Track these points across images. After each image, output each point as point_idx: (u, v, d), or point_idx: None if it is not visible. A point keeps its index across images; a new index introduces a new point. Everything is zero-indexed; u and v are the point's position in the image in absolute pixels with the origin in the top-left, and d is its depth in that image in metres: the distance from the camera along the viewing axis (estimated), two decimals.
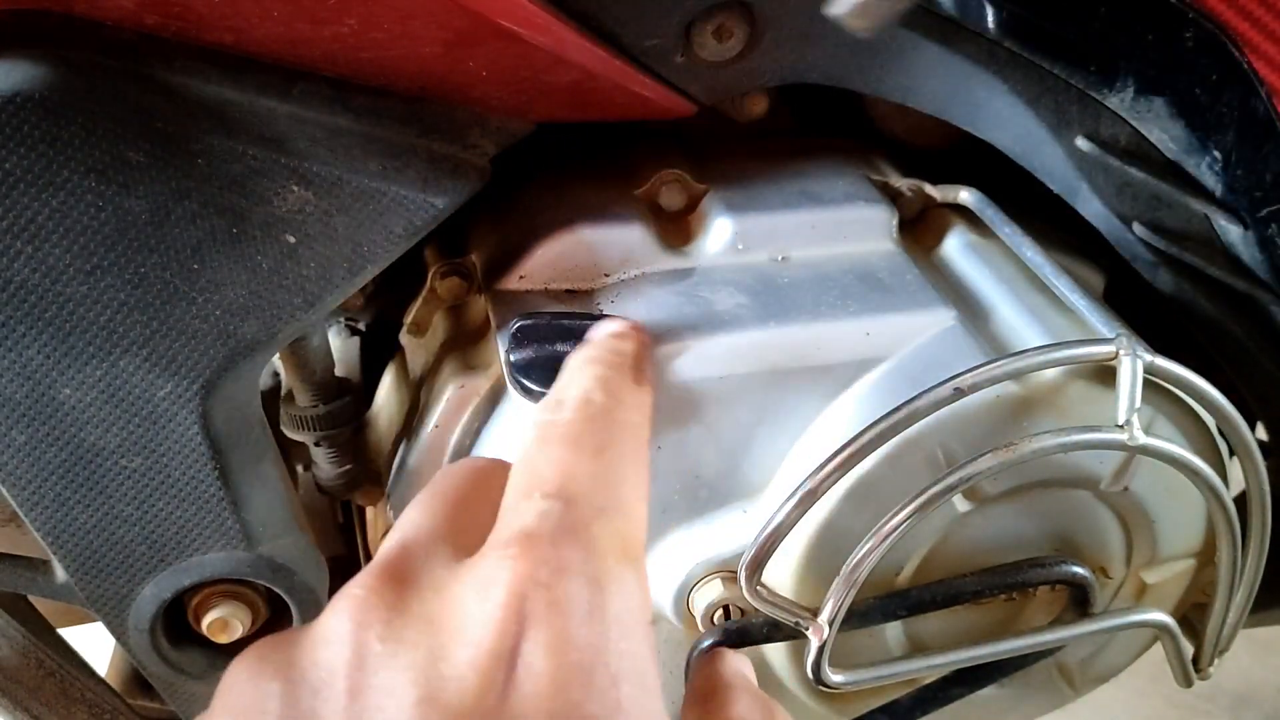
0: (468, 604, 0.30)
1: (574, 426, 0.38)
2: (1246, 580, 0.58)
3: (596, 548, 0.32)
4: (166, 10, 0.42)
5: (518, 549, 0.31)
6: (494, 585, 0.30)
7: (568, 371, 0.43)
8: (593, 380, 0.41)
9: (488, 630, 0.29)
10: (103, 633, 0.55)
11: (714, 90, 0.53)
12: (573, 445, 0.36)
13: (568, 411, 0.38)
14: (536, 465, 0.36)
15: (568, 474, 0.35)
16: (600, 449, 0.36)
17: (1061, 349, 0.49)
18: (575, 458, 0.36)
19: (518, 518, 0.33)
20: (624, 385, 0.41)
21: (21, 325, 0.44)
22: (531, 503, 0.33)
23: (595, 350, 0.44)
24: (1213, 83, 0.50)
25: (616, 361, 0.43)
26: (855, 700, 0.62)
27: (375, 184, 0.46)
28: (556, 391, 0.41)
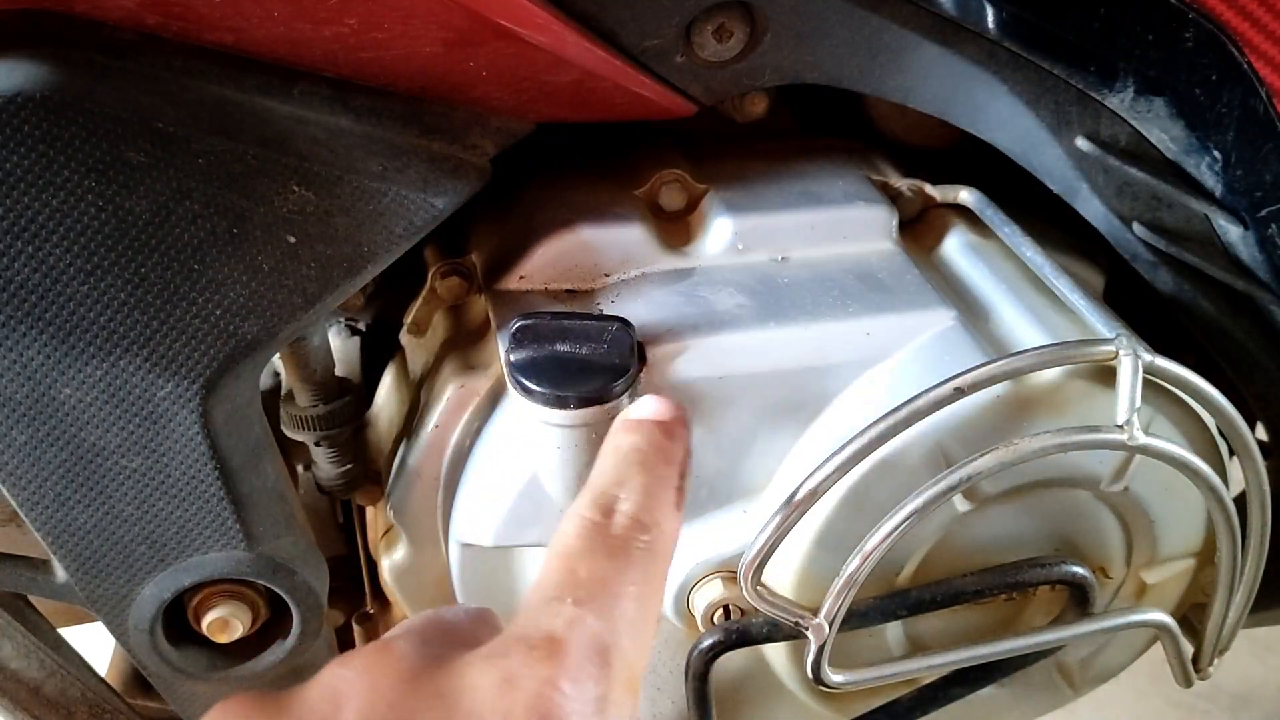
0: (486, 693, 0.31)
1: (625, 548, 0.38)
2: (1246, 580, 0.58)
3: (611, 674, 0.33)
4: (167, 10, 0.42)
5: (544, 652, 0.32)
6: (517, 683, 0.31)
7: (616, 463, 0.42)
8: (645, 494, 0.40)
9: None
10: (103, 633, 0.55)
11: (714, 90, 0.53)
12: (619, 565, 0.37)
13: (618, 527, 0.38)
14: (576, 568, 0.36)
15: (606, 591, 0.35)
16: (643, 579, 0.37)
17: (1061, 349, 0.49)
18: (616, 581, 0.36)
19: (548, 618, 0.33)
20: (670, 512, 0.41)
21: (21, 325, 0.44)
22: (564, 607, 0.34)
23: (645, 444, 0.42)
24: (1213, 83, 0.50)
25: (666, 473, 0.42)
26: (855, 700, 0.62)
27: (375, 184, 0.46)
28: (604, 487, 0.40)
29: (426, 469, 0.58)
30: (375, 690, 0.31)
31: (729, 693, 0.61)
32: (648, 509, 0.39)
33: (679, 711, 0.61)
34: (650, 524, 0.39)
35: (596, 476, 0.41)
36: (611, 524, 0.38)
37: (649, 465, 0.41)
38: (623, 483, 0.40)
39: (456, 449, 0.57)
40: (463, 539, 0.56)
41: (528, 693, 0.30)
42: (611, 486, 0.40)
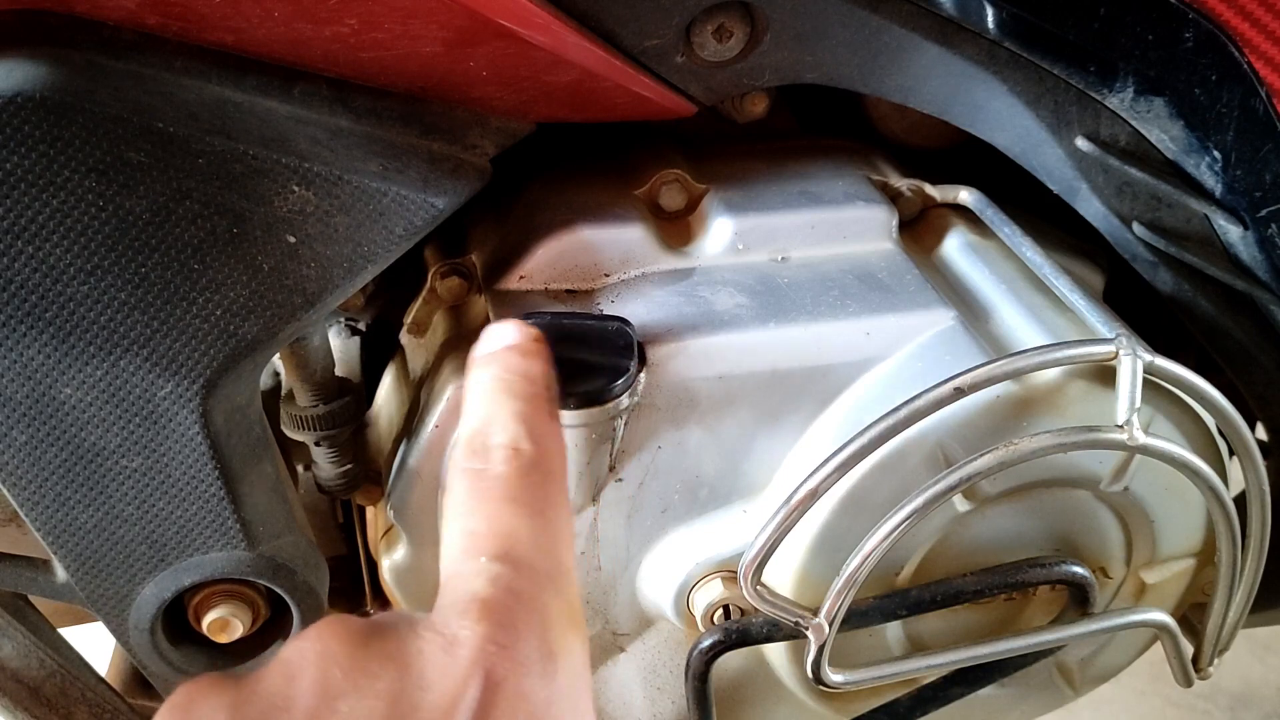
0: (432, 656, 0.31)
1: (509, 482, 0.38)
2: (1246, 580, 0.58)
3: (549, 617, 0.34)
4: (167, 10, 0.42)
5: (476, 614, 0.32)
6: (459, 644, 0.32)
7: (479, 400, 0.41)
8: (514, 420, 0.40)
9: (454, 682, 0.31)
10: (103, 633, 0.55)
11: (714, 90, 0.53)
12: (510, 504, 0.37)
13: (498, 464, 0.38)
14: (474, 525, 0.36)
15: (510, 536, 0.36)
16: (539, 509, 0.37)
17: (1061, 349, 0.49)
18: (515, 519, 0.36)
19: (467, 582, 0.34)
20: (545, 426, 0.40)
21: (22, 325, 0.44)
22: (478, 565, 0.34)
23: (504, 373, 0.42)
24: (1213, 83, 0.50)
25: (532, 393, 0.41)
26: (855, 700, 0.62)
27: (375, 184, 0.46)
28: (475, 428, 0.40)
29: (426, 469, 0.58)
30: (327, 655, 0.32)
31: (729, 693, 0.61)
32: (521, 435, 0.39)
33: (679, 711, 0.61)
34: (528, 449, 0.39)
35: (465, 421, 0.41)
36: (490, 464, 0.38)
37: (512, 391, 0.41)
38: (490, 419, 0.40)
39: None
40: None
41: (470, 651, 0.31)
42: (481, 426, 0.40)
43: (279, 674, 0.32)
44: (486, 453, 0.39)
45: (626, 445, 0.52)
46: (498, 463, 0.38)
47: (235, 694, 0.31)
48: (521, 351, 0.43)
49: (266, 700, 0.31)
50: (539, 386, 0.42)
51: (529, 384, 0.42)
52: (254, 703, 0.31)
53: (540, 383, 0.42)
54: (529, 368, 0.42)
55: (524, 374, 0.42)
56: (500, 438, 0.39)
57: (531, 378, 0.42)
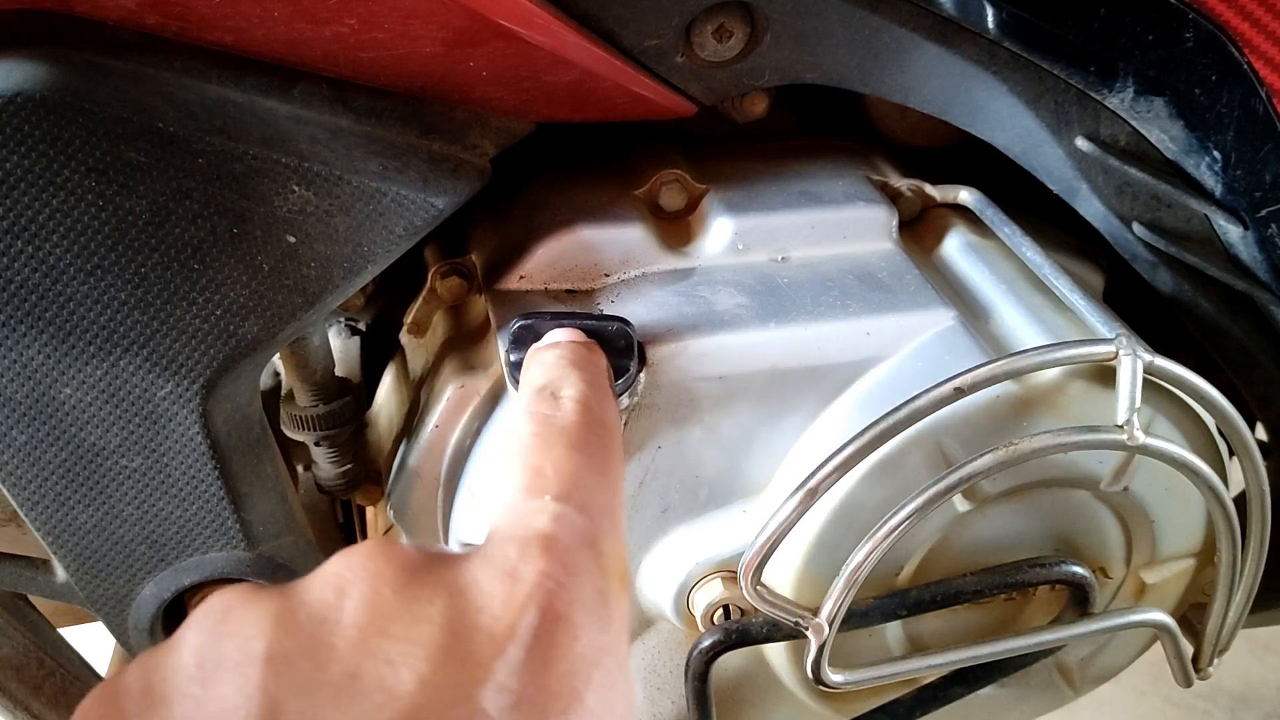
0: (490, 585, 0.31)
1: (577, 430, 0.38)
2: (1246, 580, 0.58)
3: (605, 564, 0.33)
4: (167, 10, 0.42)
5: (539, 548, 0.32)
6: (519, 577, 0.31)
7: (547, 365, 0.43)
8: (584, 383, 0.41)
9: (511, 610, 0.30)
10: (103, 633, 0.55)
11: (714, 90, 0.53)
12: (579, 451, 0.37)
13: (569, 413, 0.39)
14: (540, 463, 0.36)
15: (577, 482, 0.35)
16: (601, 464, 0.37)
17: (1061, 349, 0.49)
18: (583, 466, 0.36)
19: (529, 517, 0.34)
20: (609, 399, 0.41)
21: (22, 325, 0.44)
22: (543, 504, 0.34)
23: (571, 353, 0.44)
24: (1213, 83, 0.50)
25: (596, 372, 0.43)
26: (855, 700, 0.62)
27: (375, 184, 0.46)
28: (544, 382, 0.41)
29: (426, 469, 0.58)
30: (379, 578, 0.31)
31: (729, 693, 0.61)
32: (592, 396, 0.40)
33: (679, 711, 0.61)
34: (596, 409, 0.39)
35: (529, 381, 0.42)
36: (560, 412, 0.39)
37: (578, 364, 0.42)
38: (559, 378, 0.41)
39: (456, 449, 0.57)
40: (463, 539, 0.56)
41: (530, 584, 0.31)
42: (550, 382, 0.41)
43: (327, 586, 0.31)
44: (556, 401, 0.39)
45: (626, 445, 0.52)
46: (568, 411, 0.39)
47: (280, 603, 0.30)
48: (586, 344, 0.45)
49: (314, 612, 0.30)
50: (601, 370, 0.44)
51: (593, 366, 0.43)
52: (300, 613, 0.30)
53: (602, 369, 0.44)
54: (592, 355, 0.44)
55: (587, 357, 0.44)
56: (570, 391, 0.40)
57: (595, 363, 0.44)
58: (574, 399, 0.39)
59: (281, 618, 0.30)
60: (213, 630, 0.30)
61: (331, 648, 0.29)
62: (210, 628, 0.30)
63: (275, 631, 0.29)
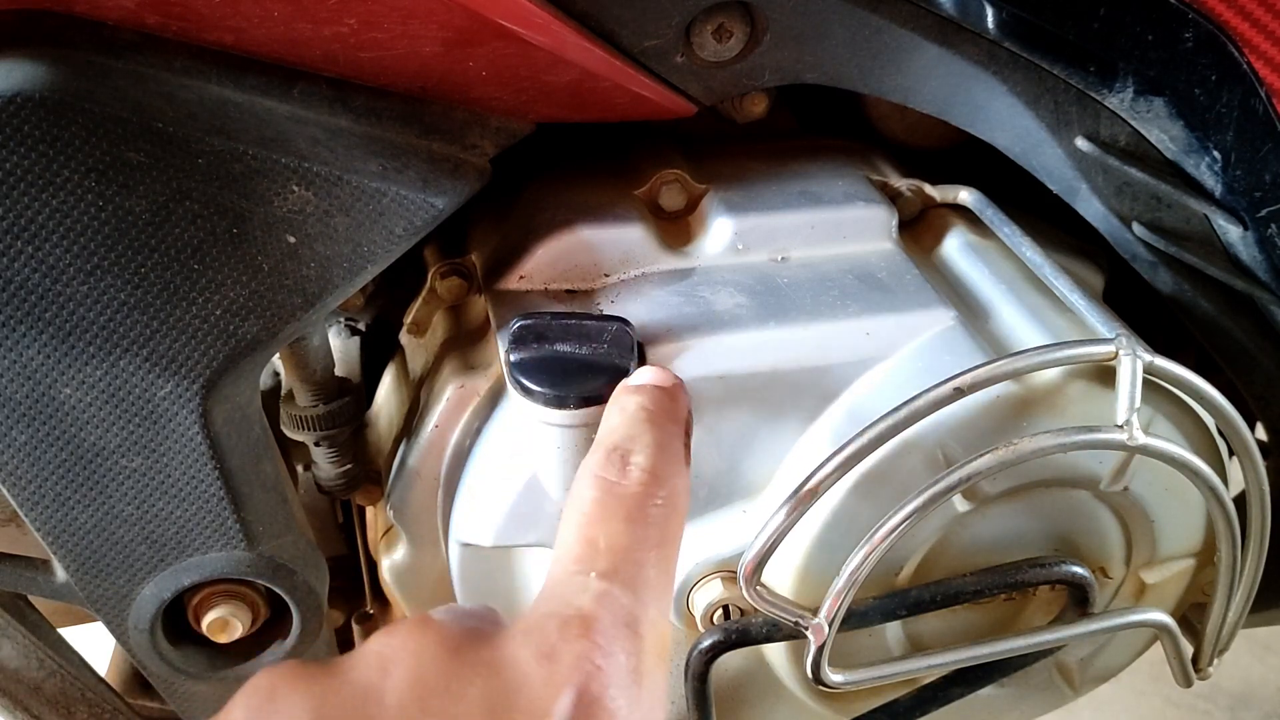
0: (528, 665, 0.32)
1: (640, 504, 0.38)
2: (1246, 580, 0.58)
3: (643, 645, 0.34)
4: (167, 10, 0.42)
5: (579, 628, 0.33)
6: (557, 657, 0.32)
7: (624, 420, 0.42)
8: (656, 448, 0.40)
9: (548, 692, 0.31)
10: (103, 633, 0.55)
11: (714, 90, 0.53)
12: (635, 526, 0.37)
13: (634, 484, 0.38)
14: (594, 535, 0.36)
15: (628, 558, 0.36)
16: (659, 541, 0.37)
17: (1061, 349, 0.49)
18: (636, 543, 0.36)
19: (574, 595, 0.34)
20: (680, 466, 0.41)
21: (21, 325, 0.44)
22: (590, 581, 0.35)
23: (652, 404, 0.43)
24: (1213, 83, 0.50)
25: (674, 432, 0.42)
26: (855, 700, 0.62)
27: (375, 184, 0.46)
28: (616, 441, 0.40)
29: (426, 469, 0.58)
30: (421, 657, 0.31)
31: (729, 693, 0.61)
32: (661, 463, 0.39)
33: (679, 711, 0.61)
34: (664, 479, 0.39)
35: (606, 434, 0.41)
36: (626, 480, 0.38)
37: (656, 422, 0.42)
38: (634, 438, 0.40)
39: (456, 449, 0.57)
40: (463, 539, 0.56)
41: (567, 665, 0.31)
42: (623, 441, 0.40)
43: (371, 665, 0.31)
44: (624, 468, 0.39)
45: None
46: (634, 482, 0.38)
47: (325, 683, 0.31)
48: (670, 394, 0.44)
49: (358, 691, 0.31)
50: (680, 429, 0.43)
51: (673, 423, 0.42)
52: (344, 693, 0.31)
53: (682, 426, 0.43)
54: (675, 409, 0.43)
55: (670, 413, 0.43)
56: (640, 458, 0.39)
57: (676, 418, 0.43)
58: (642, 467, 0.39)
59: (326, 697, 0.30)
60: (259, 709, 0.31)
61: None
62: (257, 707, 0.31)
63: (321, 711, 0.30)
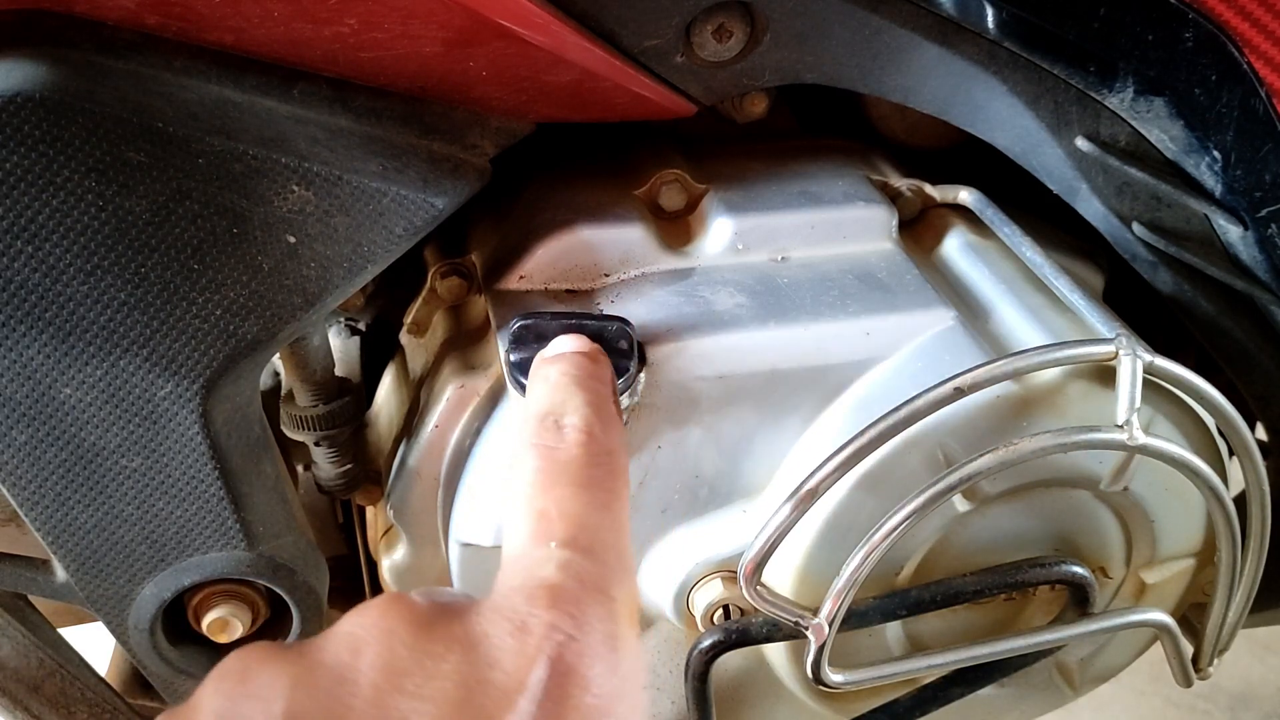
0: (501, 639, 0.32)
1: (580, 466, 0.38)
2: (1246, 580, 0.58)
3: (615, 610, 0.34)
4: (167, 10, 0.42)
5: (547, 600, 0.33)
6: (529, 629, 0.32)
7: (551, 385, 0.42)
8: (588, 407, 0.40)
9: (522, 664, 0.31)
10: (103, 633, 0.55)
11: (714, 90, 0.53)
12: (582, 489, 0.37)
13: (571, 445, 0.38)
14: (544, 506, 0.36)
15: (581, 523, 0.36)
16: (607, 500, 0.37)
17: (1061, 349, 0.49)
18: (586, 507, 0.36)
19: (537, 566, 0.34)
20: (614, 422, 0.41)
21: (21, 325, 0.44)
22: (548, 551, 0.34)
23: (573, 369, 0.43)
24: (1213, 83, 0.50)
25: (602, 390, 0.42)
26: (855, 700, 0.62)
27: (375, 184, 0.46)
28: (546, 408, 0.40)
29: (426, 469, 0.58)
30: (393, 635, 0.31)
31: (729, 693, 0.61)
32: (595, 422, 0.39)
33: (679, 711, 0.61)
34: (600, 436, 0.39)
35: (533, 403, 0.41)
36: (563, 444, 0.38)
37: (583, 384, 0.42)
38: (563, 402, 0.40)
39: (456, 449, 0.57)
40: (463, 539, 0.56)
41: (539, 637, 0.31)
42: (553, 408, 0.40)
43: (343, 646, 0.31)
44: (559, 431, 0.39)
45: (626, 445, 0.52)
46: (571, 444, 0.38)
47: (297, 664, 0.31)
48: (590, 357, 0.44)
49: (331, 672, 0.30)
50: (607, 387, 0.43)
51: (598, 382, 0.42)
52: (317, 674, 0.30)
53: (608, 384, 0.43)
54: (597, 370, 0.43)
55: (594, 374, 0.43)
56: (573, 419, 0.39)
57: (600, 378, 0.43)
58: (577, 428, 0.39)
59: (299, 678, 0.30)
60: (231, 693, 0.31)
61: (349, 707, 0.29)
62: (229, 690, 0.31)
63: (294, 692, 0.30)
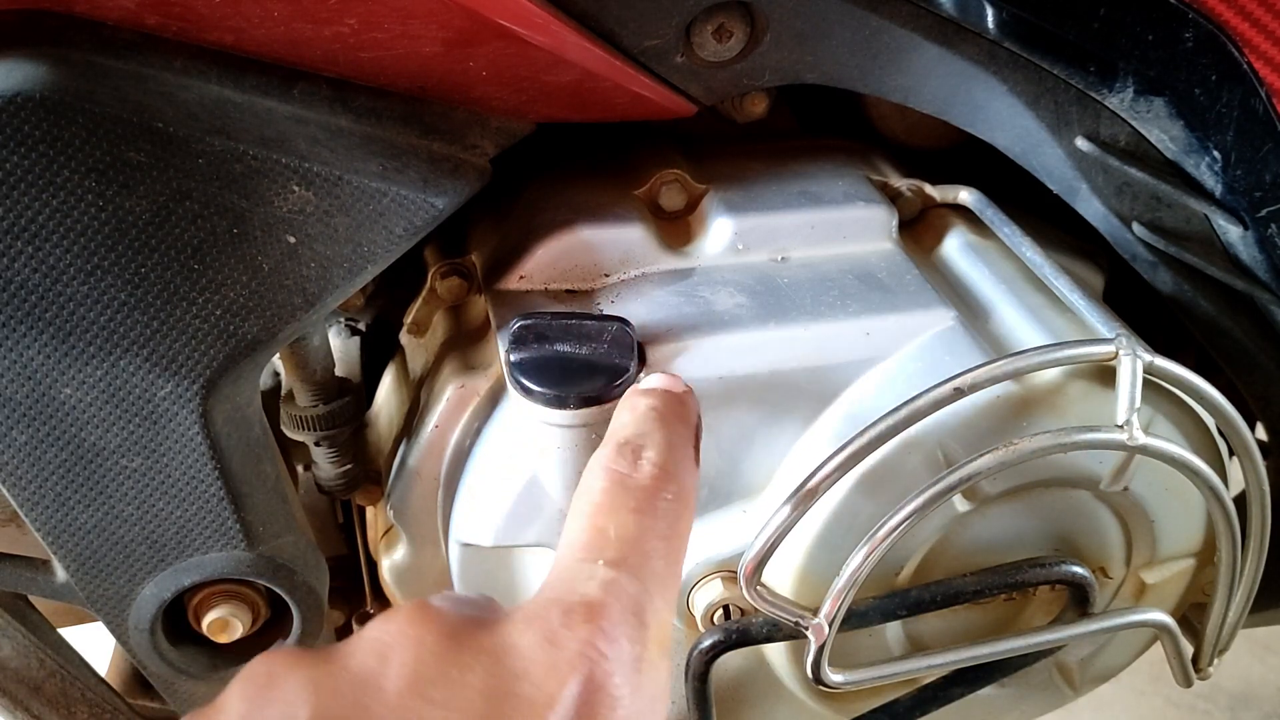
0: (530, 651, 0.31)
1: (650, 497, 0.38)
2: (1246, 580, 0.58)
3: (648, 635, 0.34)
4: (167, 10, 0.42)
5: (583, 615, 0.32)
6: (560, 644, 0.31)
7: (636, 415, 0.42)
8: (667, 445, 0.40)
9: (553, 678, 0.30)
10: (103, 633, 0.55)
11: (714, 90, 0.53)
12: (645, 517, 0.37)
13: (645, 477, 0.38)
14: (604, 524, 0.36)
15: (637, 547, 0.36)
16: (667, 534, 0.37)
17: (1061, 349, 0.49)
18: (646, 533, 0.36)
19: (579, 582, 0.34)
20: (691, 466, 0.41)
21: (21, 325, 0.44)
22: (597, 569, 0.34)
23: (663, 405, 0.43)
24: (1213, 83, 0.50)
25: (685, 433, 0.42)
26: (855, 700, 0.62)
27: (375, 184, 0.46)
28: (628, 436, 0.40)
29: (426, 469, 0.58)
30: (421, 644, 0.31)
31: (729, 693, 0.61)
32: (672, 460, 0.40)
33: (679, 711, 0.61)
34: (674, 475, 0.39)
35: (617, 429, 0.41)
36: (637, 474, 0.38)
37: (667, 422, 0.42)
38: (645, 434, 0.40)
39: (456, 449, 0.57)
40: (463, 539, 0.56)
41: (570, 653, 0.31)
42: (634, 437, 0.40)
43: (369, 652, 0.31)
44: (635, 462, 0.39)
45: None
46: (645, 475, 0.38)
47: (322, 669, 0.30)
48: (680, 399, 0.44)
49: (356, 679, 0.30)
50: (691, 431, 0.43)
51: (683, 425, 0.42)
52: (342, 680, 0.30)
53: (693, 430, 0.43)
54: (685, 413, 0.43)
55: (680, 415, 0.43)
56: (651, 453, 0.39)
57: (687, 421, 0.43)
58: (654, 463, 0.39)
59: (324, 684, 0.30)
60: (256, 698, 0.30)
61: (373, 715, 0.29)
62: (254, 695, 0.30)
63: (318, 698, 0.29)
